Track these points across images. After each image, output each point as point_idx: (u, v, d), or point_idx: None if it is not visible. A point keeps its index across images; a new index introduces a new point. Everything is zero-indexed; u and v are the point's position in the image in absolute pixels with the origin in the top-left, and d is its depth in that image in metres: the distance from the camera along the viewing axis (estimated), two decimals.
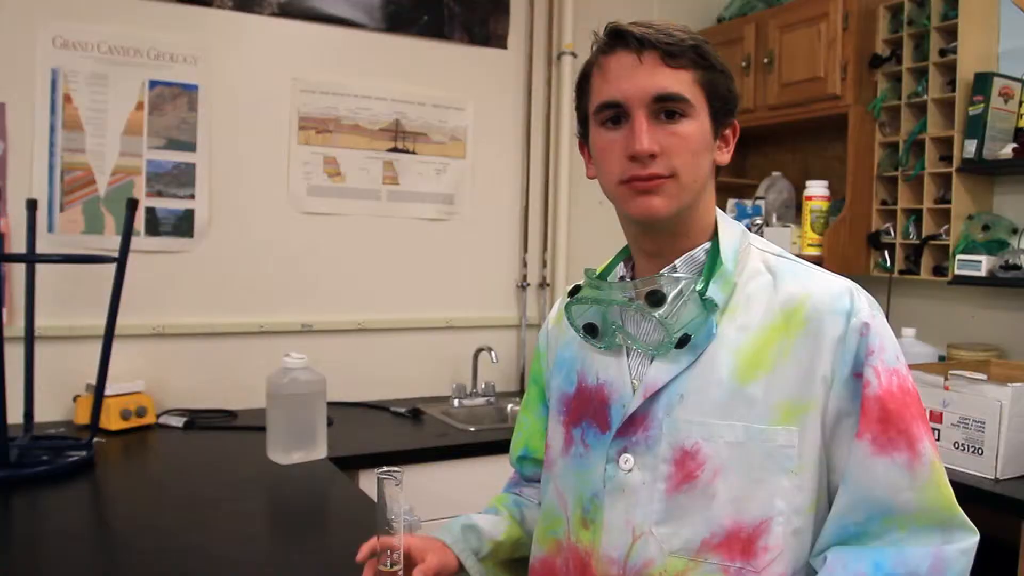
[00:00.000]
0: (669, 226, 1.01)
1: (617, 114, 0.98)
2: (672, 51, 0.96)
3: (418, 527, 1.07)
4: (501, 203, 2.97)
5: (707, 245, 1.03)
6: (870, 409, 0.93)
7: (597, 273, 1.12)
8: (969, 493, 1.83)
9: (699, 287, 0.98)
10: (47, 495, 1.73)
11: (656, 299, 0.98)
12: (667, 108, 0.96)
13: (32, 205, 2.13)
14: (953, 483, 0.96)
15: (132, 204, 1.98)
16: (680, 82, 0.96)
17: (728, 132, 1.04)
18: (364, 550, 1.05)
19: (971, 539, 0.95)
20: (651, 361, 1.01)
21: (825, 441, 0.95)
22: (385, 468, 1.02)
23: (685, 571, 0.97)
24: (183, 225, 2.48)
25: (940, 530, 0.94)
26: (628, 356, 1.04)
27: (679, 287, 0.98)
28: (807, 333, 0.96)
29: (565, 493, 1.08)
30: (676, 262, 1.02)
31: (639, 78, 0.96)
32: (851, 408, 0.94)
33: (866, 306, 0.97)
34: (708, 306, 0.97)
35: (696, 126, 0.97)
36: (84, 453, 1.92)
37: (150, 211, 2.43)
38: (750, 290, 1.00)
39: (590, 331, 1.07)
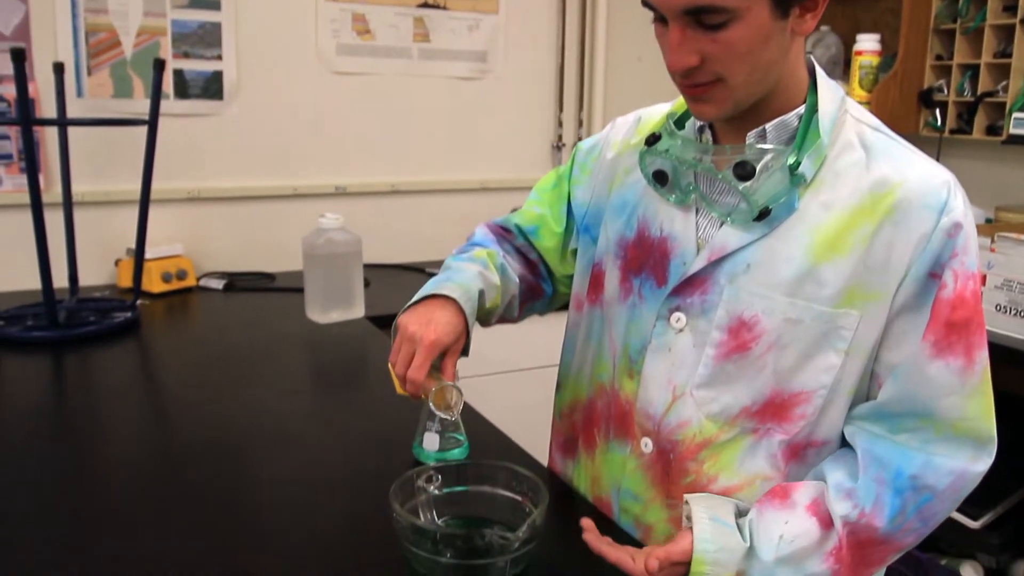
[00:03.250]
0: (740, 113, 0.93)
1: (660, 14, 0.88)
2: None
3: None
4: (535, 60, 2.87)
5: (801, 110, 0.95)
6: (940, 311, 0.90)
7: (676, 116, 1.04)
8: (1010, 355, 1.82)
9: (791, 161, 0.91)
10: (96, 353, 1.79)
11: (744, 172, 0.92)
12: (701, 20, 0.84)
13: (59, 69, 2.10)
14: (993, 345, 0.94)
15: (159, 64, 1.94)
16: None
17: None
18: None
19: (989, 462, 0.94)
20: (721, 223, 0.97)
21: (882, 331, 0.93)
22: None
23: (718, 434, 0.99)
24: (212, 87, 2.44)
25: (973, 444, 0.93)
26: (697, 213, 1.00)
27: (767, 159, 0.92)
28: (894, 222, 0.90)
29: (616, 340, 1.08)
30: (767, 127, 0.94)
31: None
32: (916, 304, 0.91)
33: (961, 205, 0.91)
34: (796, 180, 0.92)
35: (743, 28, 0.84)
36: (129, 314, 1.97)
37: (178, 73, 2.39)
38: (839, 166, 0.93)
39: (659, 178, 1.01)
